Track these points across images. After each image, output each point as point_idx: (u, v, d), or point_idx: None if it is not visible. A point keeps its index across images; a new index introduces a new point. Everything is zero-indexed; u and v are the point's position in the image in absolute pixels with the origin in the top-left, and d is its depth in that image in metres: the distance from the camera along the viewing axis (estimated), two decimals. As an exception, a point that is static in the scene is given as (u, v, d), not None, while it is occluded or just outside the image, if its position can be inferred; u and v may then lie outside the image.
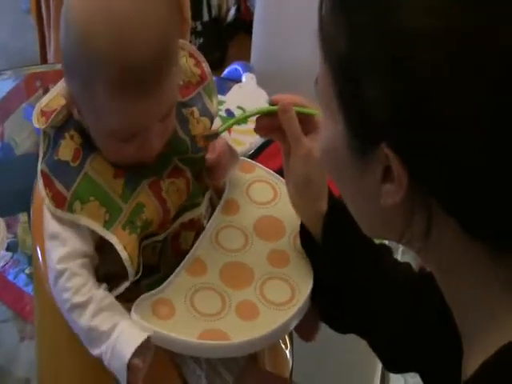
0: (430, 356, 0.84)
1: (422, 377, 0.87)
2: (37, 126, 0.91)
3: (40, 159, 0.92)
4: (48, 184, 0.90)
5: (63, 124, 0.90)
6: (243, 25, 2.73)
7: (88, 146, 0.89)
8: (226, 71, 1.62)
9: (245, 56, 1.87)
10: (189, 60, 0.96)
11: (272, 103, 0.91)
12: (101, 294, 0.88)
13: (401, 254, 1.39)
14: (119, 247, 0.87)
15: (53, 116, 0.89)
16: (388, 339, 0.91)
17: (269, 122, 0.92)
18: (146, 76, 0.80)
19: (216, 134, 0.94)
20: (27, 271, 1.44)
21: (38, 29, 2.24)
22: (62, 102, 0.90)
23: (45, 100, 0.93)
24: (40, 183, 0.91)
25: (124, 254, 0.87)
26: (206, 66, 0.97)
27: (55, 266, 0.88)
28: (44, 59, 2.27)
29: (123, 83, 0.80)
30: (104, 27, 0.79)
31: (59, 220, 0.89)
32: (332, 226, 0.92)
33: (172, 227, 0.94)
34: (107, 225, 0.88)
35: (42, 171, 0.91)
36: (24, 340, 1.37)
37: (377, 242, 0.94)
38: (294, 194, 0.93)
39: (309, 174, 0.90)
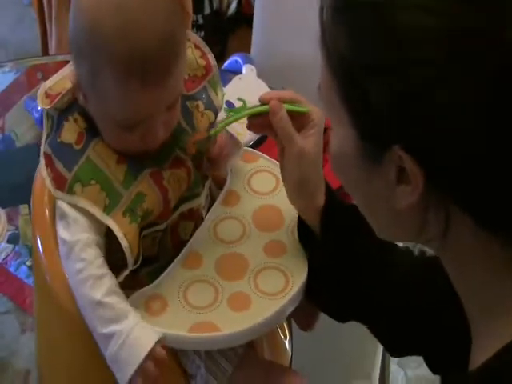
0: (433, 339, 0.85)
1: (426, 359, 0.87)
2: (41, 106, 0.91)
3: (43, 140, 0.93)
4: (49, 164, 0.90)
5: (67, 107, 0.91)
6: (244, 18, 2.73)
7: (92, 130, 0.90)
8: (226, 63, 1.62)
9: (245, 49, 1.87)
10: (194, 51, 0.96)
11: (263, 102, 0.91)
12: (113, 278, 0.88)
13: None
14: (120, 235, 0.87)
15: (58, 98, 0.90)
16: (389, 325, 0.91)
17: (261, 120, 0.92)
18: (152, 65, 0.80)
19: (207, 139, 0.94)
20: (28, 263, 1.44)
21: (39, 22, 2.24)
22: (68, 85, 0.91)
23: (49, 82, 0.93)
24: (42, 163, 0.91)
25: (124, 243, 0.87)
26: (211, 57, 0.98)
27: (69, 239, 0.89)
28: (45, 52, 2.26)
29: (129, 71, 0.80)
30: (111, 15, 0.80)
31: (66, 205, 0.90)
32: (330, 219, 0.92)
33: (171, 218, 0.94)
34: (107, 209, 0.88)
35: (44, 152, 0.91)
36: (25, 332, 1.37)
37: None
38: (291, 191, 0.93)
39: (303, 172, 0.90)
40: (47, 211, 0.99)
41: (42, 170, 0.91)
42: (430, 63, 0.56)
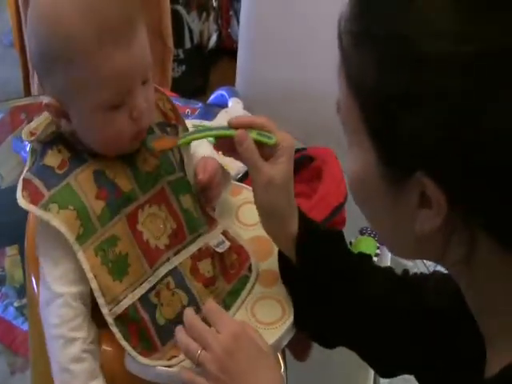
0: (424, 357, 0.85)
1: (418, 379, 0.87)
2: (25, 139, 0.91)
3: (24, 172, 0.92)
4: (26, 186, 0.89)
5: (51, 139, 0.91)
6: (225, 51, 2.75)
7: (75, 161, 0.90)
8: (212, 97, 1.62)
9: (227, 81, 1.88)
10: (166, 104, 0.99)
11: (231, 126, 0.91)
12: (88, 339, 0.88)
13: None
14: (90, 275, 0.87)
15: (42, 129, 0.90)
16: (376, 348, 0.91)
17: (228, 144, 0.92)
18: (120, 28, 0.82)
19: (173, 143, 0.93)
20: (16, 304, 1.43)
21: (21, 63, 2.24)
22: (49, 121, 0.92)
23: (33, 124, 0.94)
24: (18, 190, 0.90)
25: (94, 284, 0.87)
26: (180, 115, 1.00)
27: (51, 287, 0.88)
28: (28, 92, 2.27)
29: (101, 38, 0.81)
30: (65, 4, 0.82)
31: (48, 239, 0.89)
32: (304, 247, 0.92)
33: (179, 261, 0.93)
34: (80, 239, 0.87)
35: (23, 179, 0.91)
36: (15, 373, 1.35)
37: (355, 251, 0.95)
38: (261, 218, 0.93)
39: (271, 201, 0.90)
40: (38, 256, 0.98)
41: (18, 195, 0.89)
42: (458, 90, 0.56)
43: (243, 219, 1.06)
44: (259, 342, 0.84)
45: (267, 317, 0.93)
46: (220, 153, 0.97)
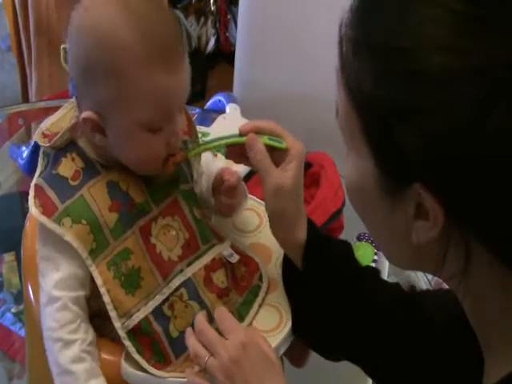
0: (430, 374, 0.84)
1: None
2: (40, 144, 0.91)
3: (36, 175, 0.92)
4: (38, 194, 0.89)
5: (65, 146, 0.91)
6: (223, 55, 2.75)
7: (89, 171, 0.89)
8: (209, 102, 1.62)
9: (225, 86, 1.88)
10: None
11: (241, 133, 0.91)
12: (87, 341, 0.88)
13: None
14: (103, 290, 0.87)
15: (58, 136, 0.89)
16: (377, 361, 0.90)
17: (239, 151, 0.92)
18: (170, 51, 0.82)
19: (184, 158, 0.93)
20: (13, 310, 1.43)
21: (19, 67, 2.24)
22: (64, 125, 0.91)
23: (45, 125, 0.93)
24: (30, 196, 0.89)
25: (107, 298, 0.87)
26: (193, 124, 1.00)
27: (50, 291, 0.88)
28: (25, 97, 2.27)
29: (151, 54, 0.81)
30: (120, 20, 0.81)
31: (51, 243, 0.89)
32: (311, 254, 0.91)
33: (192, 272, 0.92)
34: (92, 254, 0.87)
35: (35, 184, 0.90)
36: (12, 379, 1.36)
37: (363, 264, 0.94)
38: (271, 224, 0.93)
39: (281, 207, 0.90)
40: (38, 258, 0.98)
41: (30, 201, 0.89)
42: (461, 104, 0.55)
43: (241, 226, 1.06)
44: (267, 351, 0.84)
45: (265, 324, 0.93)
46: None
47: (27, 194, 0.91)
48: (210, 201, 1.00)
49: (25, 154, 1.47)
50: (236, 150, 0.92)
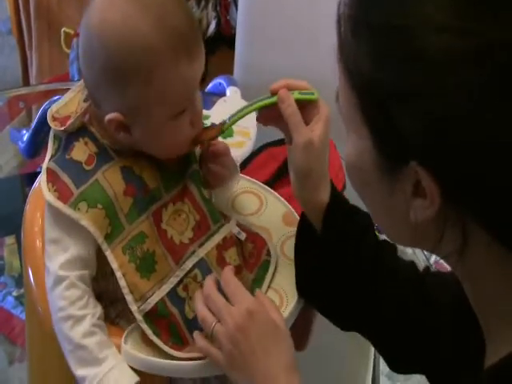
0: (436, 356, 0.84)
1: (428, 378, 0.87)
2: (53, 128, 0.91)
3: (47, 159, 0.92)
4: (52, 179, 0.89)
5: (77, 131, 0.91)
6: (224, 38, 2.74)
7: (102, 156, 0.89)
8: (210, 86, 1.62)
9: (226, 69, 1.87)
10: None
11: (272, 93, 0.91)
12: (96, 315, 0.88)
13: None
14: (118, 274, 0.87)
15: (71, 121, 0.90)
16: (390, 337, 0.91)
17: (270, 112, 0.92)
18: (190, 40, 0.84)
19: (219, 131, 0.93)
20: (14, 293, 1.43)
21: (19, 49, 2.24)
22: (74, 108, 0.91)
23: (55, 107, 0.94)
24: (43, 179, 0.90)
25: (122, 282, 0.87)
26: None
27: (56, 272, 0.88)
28: (26, 80, 2.26)
29: (175, 53, 0.82)
30: (138, 19, 0.82)
31: (61, 225, 0.89)
32: (333, 219, 0.91)
33: (205, 253, 0.93)
34: (108, 239, 0.87)
35: (47, 168, 0.90)
36: (13, 363, 1.36)
37: (381, 238, 0.94)
38: (295, 183, 0.92)
39: (308, 163, 0.89)
40: (38, 242, 0.98)
41: (42, 185, 0.89)
42: (458, 86, 0.55)
43: (240, 209, 1.05)
44: (276, 319, 0.85)
45: None
46: None
47: (27, 177, 0.91)
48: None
49: (25, 138, 1.47)
50: (268, 112, 0.92)
